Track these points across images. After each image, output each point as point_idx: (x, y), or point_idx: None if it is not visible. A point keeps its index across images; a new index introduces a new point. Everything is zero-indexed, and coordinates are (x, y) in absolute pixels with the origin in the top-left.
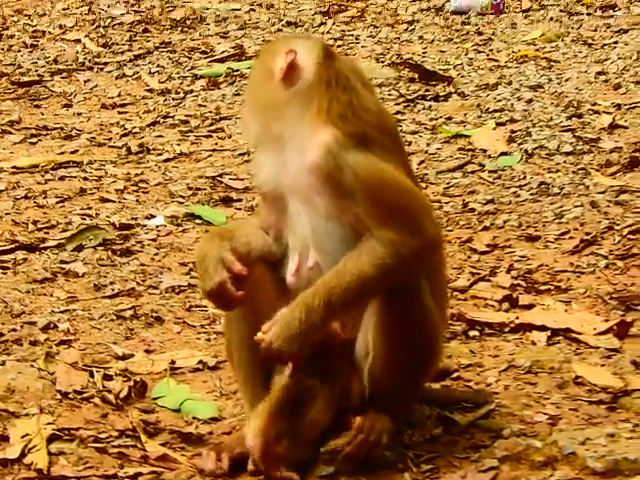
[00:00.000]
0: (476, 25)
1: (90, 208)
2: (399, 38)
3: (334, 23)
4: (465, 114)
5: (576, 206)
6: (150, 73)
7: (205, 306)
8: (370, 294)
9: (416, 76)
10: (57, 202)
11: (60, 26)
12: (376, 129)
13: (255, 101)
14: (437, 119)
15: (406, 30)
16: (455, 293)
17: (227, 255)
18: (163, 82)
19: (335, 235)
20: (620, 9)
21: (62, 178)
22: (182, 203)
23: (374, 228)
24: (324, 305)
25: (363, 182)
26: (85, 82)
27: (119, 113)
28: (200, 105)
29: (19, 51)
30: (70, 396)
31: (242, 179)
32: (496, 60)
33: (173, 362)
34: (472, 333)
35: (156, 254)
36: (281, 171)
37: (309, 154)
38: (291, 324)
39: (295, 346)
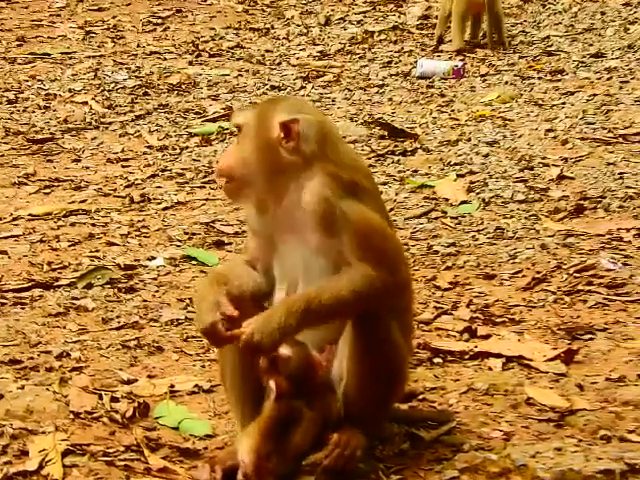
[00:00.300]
0: (439, 88)
1: (98, 251)
2: (371, 100)
3: (313, 87)
4: (429, 167)
5: (528, 248)
6: (150, 131)
7: (200, 337)
8: (342, 314)
9: (386, 133)
10: (69, 245)
11: (69, 90)
12: (362, 179)
13: (257, 158)
14: (405, 172)
15: (377, 93)
16: (421, 325)
17: (222, 299)
18: (161, 139)
19: (321, 268)
20: (567, 74)
21: (73, 224)
22: (179, 246)
23: (356, 262)
24: (302, 311)
25: (353, 226)
26: (92, 139)
27: (122, 167)
28: (194, 160)
29: (33, 112)
30: (82, 416)
31: (232, 225)
32: (457, 119)
33: (172, 386)
34: (436, 360)
35: (156, 291)
36: (276, 214)
37: (308, 201)
38: (271, 321)
39: (271, 340)
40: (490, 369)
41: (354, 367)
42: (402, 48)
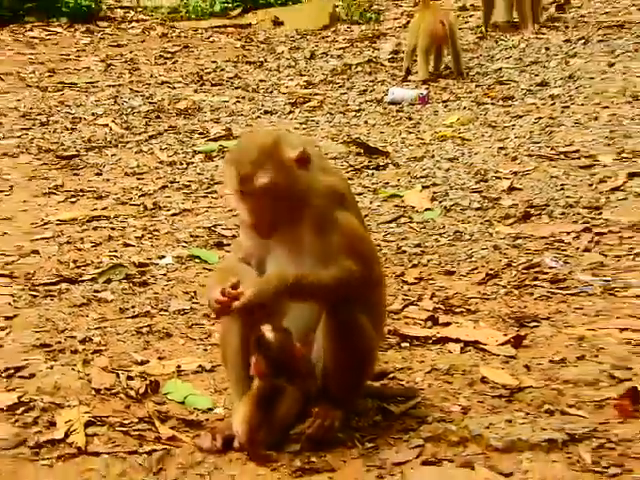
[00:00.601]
0: (407, 113)
1: (116, 251)
2: (349, 122)
3: (300, 111)
4: (399, 180)
5: (482, 248)
6: (161, 149)
7: (203, 324)
8: (323, 298)
9: (362, 151)
10: (91, 246)
11: (92, 114)
12: (345, 190)
13: (272, 177)
14: (377, 183)
15: (354, 116)
16: (391, 314)
17: (226, 283)
18: (170, 156)
19: (311, 265)
20: (516, 100)
21: (95, 228)
22: (185, 247)
23: (340, 259)
24: (292, 284)
25: (342, 231)
26: (112, 156)
27: (137, 179)
28: (198, 173)
29: (62, 132)
30: (101, 392)
31: (230, 229)
32: (422, 139)
33: (179, 366)
34: (404, 344)
35: (166, 285)
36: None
37: (308, 210)
38: (267, 285)
39: (264, 299)
40: (450, 352)
41: (329, 351)
42: (376, 78)
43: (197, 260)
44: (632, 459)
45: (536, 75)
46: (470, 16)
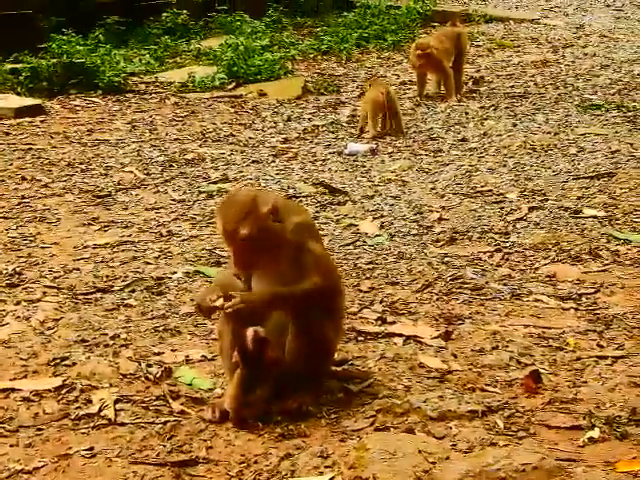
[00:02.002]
0: (361, 162)
1: (139, 268)
2: (317, 169)
3: (280, 161)
4: (355, 212)
5: (419, 265)
6: (173, 190)
7: (206, 324)
8: (295, 304)
9: (327, 191)
10: (119, 264)
11: (121, 163)
12: (312, 225)
13: (250, 229)
14: (339, 216)
15: (321, 165)
16: (350, 315)
17: (215, 291)
18: (181, 195)
19: (286, 280)
20: (444, 152)
21: (122, 250)
22: (192, 265)
23: (309, 274)
24: (271, 296)
25: (311, 256)
26: (135, 195)
27: (155, 213)
28: (202, 208)
29: (97, 177)
30: (127, 376)
31: (226, 251)
32: (373, 182)
33: (187, 356)
34: (360, 338)
35: (177, 294)
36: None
37: (284, 242)
38: (251, 296)
39: (250, 307)
40: (395, 344)
41: (298, 347)
42: (337, 136)
43: (201, 275)
44: (535, 425)
45: (458, 133)
46: (408, 89)
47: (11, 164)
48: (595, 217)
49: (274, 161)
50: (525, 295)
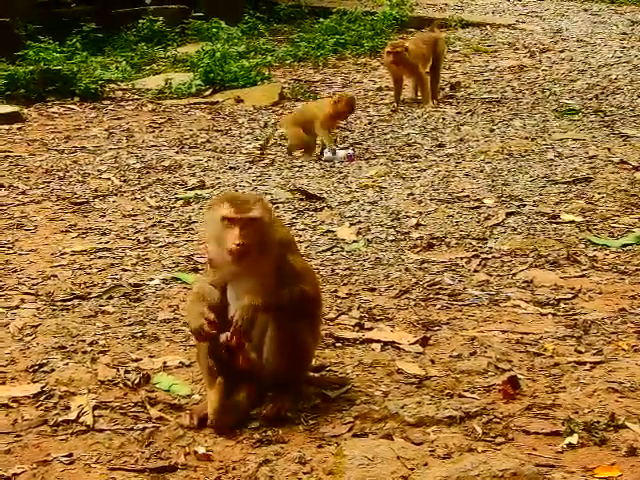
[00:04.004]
0: (338, 168)
1: (117, 274)
2: (294, 175)
3: (256, 167)
4: (332, 219)
5: (397, 271)
6: (150, 197)
7: (183, 330)
8: (280, 311)
9: (304, 197)
10: (97, 271)
11: (98, 170)
12: (292, 240)
13: (261, 213)
14: (316, 222)
15: (297, 171)
16: (327, 321)
17: (204, 310)
18: (158, 202)
19: (263, 289)
20: (421, 157)
21: (100, 257)
22: (169, 271)
23: (293, 283)
24: (261, 305)
25: (295, 269)
26: (113, 202)
27: (132, 220)
28: (179, 215)
29: (75, 184)
30: (105, 383)
31: (203, 257)
32: (350, 188)
33: (165, 363)
34: (337, 344)
35: (155, 301)
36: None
37: (267, 255)
38: (248, 312)
39: (248, 324)
40: (373, 350)
41: (277, 352)
42: None
43: (179, 281)
44: (513, 430)
45: (435, 139)
46: (385, 95)
47: None
48: (573, 222)
49: (251, 167)
50: (503, 301)
